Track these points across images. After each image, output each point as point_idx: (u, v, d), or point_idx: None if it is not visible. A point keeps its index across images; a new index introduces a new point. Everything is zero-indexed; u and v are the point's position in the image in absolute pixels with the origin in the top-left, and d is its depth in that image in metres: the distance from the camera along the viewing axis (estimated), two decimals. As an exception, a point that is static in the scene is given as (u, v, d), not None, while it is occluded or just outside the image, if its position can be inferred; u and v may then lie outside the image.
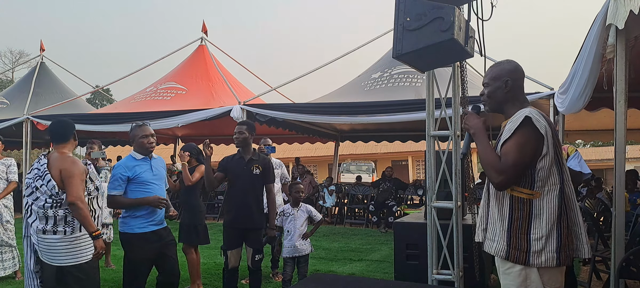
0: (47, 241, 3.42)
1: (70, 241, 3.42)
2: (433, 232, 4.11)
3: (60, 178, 3.39)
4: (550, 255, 2.22)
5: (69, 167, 3.40)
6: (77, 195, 3.34)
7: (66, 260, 3.43)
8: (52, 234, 3.41)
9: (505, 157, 2.27)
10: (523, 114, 2.27)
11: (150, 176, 3.99)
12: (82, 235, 3.46)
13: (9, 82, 30.91)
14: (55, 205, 3.41)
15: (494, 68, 2.49)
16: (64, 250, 3.42)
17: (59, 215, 3.41)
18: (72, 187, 3.34)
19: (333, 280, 2.99)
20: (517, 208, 2.29)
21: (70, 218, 3.42)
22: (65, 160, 3.44)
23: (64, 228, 3.42)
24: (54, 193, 3.40)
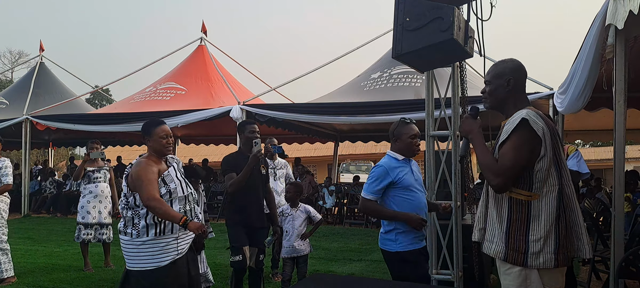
0: (121, 241, 3.34)
1: (136, 245, 3.25)
2: (432, 232, 4.11)
3: (132, 182, 3.27)
4: (549, 256, 2.22)
5: (135, 171, 3.25)
6: (147, 197, 3.14)
7: (131, 263, 3.30)
8: (124, 235, 3.31)
9: (502, 159, 2.27)
10: (520, 115, 2.26)
11: (412, 180, 3.41)
12: (149, 240, 3.22)
13: (9, 82, 30.87)
14: (126, 206, 3.31)
15: (497, 65, 2.48)
16: (131, 253, 3.29)
17: (128, 216, 3.29)
18: (141, 190, 3.17)
19: (332, 280, 2.99)
20: (515, 210, 2.29)
21: (137, 221, 3.25)
22: (138, 164, 3.31)
23: (131, 230, 3.26)
24: (125, 193, 3.32)
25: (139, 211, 3.23)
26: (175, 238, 3.26)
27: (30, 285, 5.47)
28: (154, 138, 3.36)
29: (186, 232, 3.30)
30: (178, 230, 3.27)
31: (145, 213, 3.22)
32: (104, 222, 6.22)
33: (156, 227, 3.22)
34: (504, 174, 2.25)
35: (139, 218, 3.24)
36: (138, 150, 18.87)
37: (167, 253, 3.24)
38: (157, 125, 3.42)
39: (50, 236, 9.15)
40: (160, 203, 3.15)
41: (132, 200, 3.26)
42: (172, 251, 3.26)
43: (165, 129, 3.40)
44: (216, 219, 11.26)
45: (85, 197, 6.20)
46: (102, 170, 6.31)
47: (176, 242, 3.27)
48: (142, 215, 3.23)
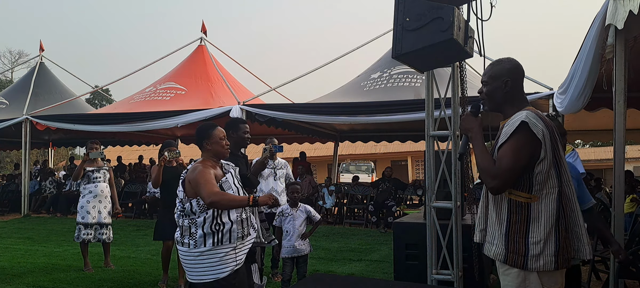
0: (180, 251, 3.23)
1: (195, 257, 3.13)
2: (432, 232, 4.11)
3: (191, 189, 3.16)
4: (548, 259, 2.21)
5: (193, 177, 3.14)
6: (207, 193, 3.03)
7: (191, 275, 3.19)
8: (181, 246, 3.20)
9: (499, 161, 2.26)
10: (520, 118, 2.24)
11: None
12: (207, 251, 3.12)
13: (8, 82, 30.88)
14: (182, 214, 3.21)
15: (493, 66, 2.45)
16: (190, 265, 3.17)
17: (185, 225, 3.19)
18: (201, 190, 3.06)
19: (332, 280, 2.99)
20: (515, 211, 2.28)
21: (194, 230, 3.14)
22: (195, 169, 3.18)
23: (188, 240, 3.15)
24: (181, 199, 3.21)
25: (196, 219, 3.14)
26: (233, 249, 3.17)
27: (30, 285, 5.47)
28: (213, 140, 3.27)
29: (243, 242, 3.23)
30: (236, 240, 3.19)
31: (202, 221, 3.12)
32: (103, 222, 6.21)
33: (214, 235, 3.12)
34: (501, 177, 2.23)
35: (195, 227, 3.14)
36: (138, 150, 18.88)
37: (226, 264, 3.15)
38: (214, 127, 3.34)
39: (50, 236, 9.15)
40: (222, 195, 3.06)
41: (189, 206, 3.16)
42: (231, 261, 3.17)
43: (222, 131, 3.34)
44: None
45: (84, 197, 6.20)
46: (101, 170, 6.31)
47: (234, 252, 3.18)
48: (199, 224, 3.13)
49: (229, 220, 3.16)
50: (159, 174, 5.17)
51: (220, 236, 3.13)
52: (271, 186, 5.87)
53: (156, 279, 5.53)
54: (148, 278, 5.74)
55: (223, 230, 3.13)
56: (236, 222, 3.18)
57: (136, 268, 6.31)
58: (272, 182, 5.90)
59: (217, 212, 3.13)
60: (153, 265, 6.28)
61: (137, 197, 12.23)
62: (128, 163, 16.59)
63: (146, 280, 5.69)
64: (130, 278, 5.76)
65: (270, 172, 5.92)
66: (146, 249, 7.54)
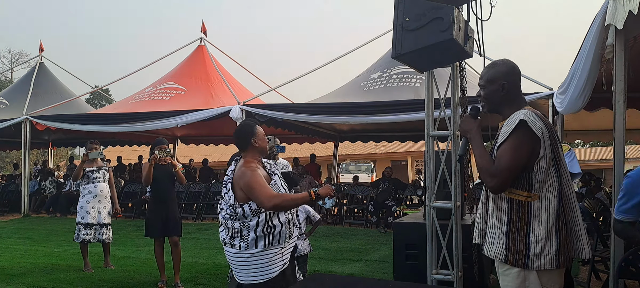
0: (227, 253, 3.23)
1: (245, 258, 3.13)
2: (432, 232, 4.10)
3: (243, 194, 3.12)
4: (549, 257, 2.21)
5: (244, 182, 3.11)
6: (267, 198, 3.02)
7: (241, 276, 3.18)
8: (230, 247, 3.18)
9: (498, 160, 2.27)
10: (518, 117, 2.25)
11: None
12: (258, 252, 3.11)
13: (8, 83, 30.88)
14: (232, 216, 3.16)
15: (489, 70, 2.46)
16: (239, 266, 3.17)
17: (235, 227, 3.15)
18: (258, 198, 3.05)
19: (332, 280, 2.99)
20: (515, 210, 2.28)
21: (246, 233, 3.13)
22: (244, 174, 3.14)
23: (239, 243, 3.13)
24: (232, 204, 3.16)
25: (249, 223, 3.12)
26: (281, 249, 3.18)
27: (30, 285, 5.46)
28: (259, 137, 3.27)
29: (288, 241, 3.24)
30: (284, 240, 3.20)
31: (254, 225, 3.11)
32: (103, 222, 6.21)
33: (265, 238, 3.12)
34: (500, 175, 2.24)
35: (247, 230, 3.13)
36: (138, 150, 18.86)
37: (275, 264, 3.16)
38: (255, 124, 3.33)
39: (50, 236, 9.15)
40: (281, 197, 3.08)
41: (241, 211, 3.13)
42: (279, 261, 3.18)
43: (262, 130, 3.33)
44: (216, 219, 11.27)
45: (84, 197, 6.20)
46: (101, 170, 6.31)
47: (281, 253, 3.20)
48: (252, 227, 3.12)
49: (279, 222, 3.17)
50: (149, 172, 5.20)
51: (271, 238, 3.14)
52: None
53: (156, 279, 5.53)
54: (148, 278, 5.74)
55: (274, 232, 3.14)
56: (285, 223, 3.19)
57: (136, 268, 6.31)
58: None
59: (269, 215, 3.13)
60: (153, 265, 6.27)
61: (137, 197, 12.22)
62: (128, 164, 16.59)
63: (146, 280, 5.69)
64: (130, 278, 5.76)
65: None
66: (146, 249, 7.54)
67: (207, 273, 6.00)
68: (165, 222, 5.27)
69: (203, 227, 10.09)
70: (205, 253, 7.36)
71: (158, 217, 5.27)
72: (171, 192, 5.42)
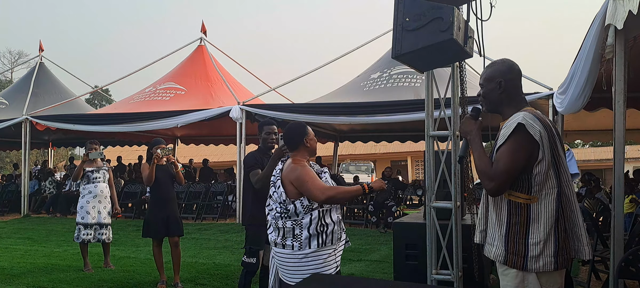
0: (278, 254, 3.15)
1: (299, 259, 3.07)
2: (432, 232, 4.10)
3: (294, 189, 3.08)
4: (548, 259, 2.21)
5: (295, 176, 3.08)
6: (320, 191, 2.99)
7: (295, 278, 3.09)
8: (282, 248, 3.11)
9: (496, 163, 2.27)
10: (516, 120, 2.25)
11: None
12: (312, 252, 3.06)
13: (8, 83, 30.90)
14: (283, 215, 3.11)
15: (487, 69, 2.47)
16: (293, 267, 3.09)
17: (287, 227, 3.09)
18: (311, 191, 3.01)
19: (332, 280, 2.98)
20: (514, 213, 2.28)
21: (298, 232, 3.07)
22: (294, 169, 3.11)
23: (292, 242, 3.07)
24: (282, 201, 3.11)
25: (301, 221, 3.07)
26: (334, 250, 3.14)
27: (30, 285, 5.46)
28: (310, 137, 3.24)
29: (339, 242, 3.22)
30: (336, 241, 3.16)
31: (307, 223, 3.06)
32: (103, 222, 6.21)
33: (318, 237, 3.06)
34: (497, 178, 2.24)
35: (300, 228, 3.07)
36: (138, 150, 18.86)
37: (329, 265, 3.11)
38: (305, 125, 3.30)
39: (50, 236, 9.15)
40: (335, 189, 3.03)
41: (293, 208, 3.07)
42: (333, 263, 3.14)
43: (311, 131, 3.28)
44: (216, 219, 11.27)
45: (84, 197, 6.20)
46: (101, 170, 6.31)
47: (334, 254, 3.16)
48: (305, 225, 3.06)
49: (332, 221, 3.13)
50: (152, 172, 5.17)
51: (325, 237, 3.09)
52: None
53: (156, 279, 5.53)
54: (148, 279, 5.74)
55: (327, 231, 3.09)
56: (337, 223, 3.16)
57: (136, 268, 6.31)
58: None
59: (322, 213, 3.08)
60: (153, 265, 6.26)
61: (137, 197, 12.22)
62: (128, 164, 16.59)
63: (146, 280, 5.69)
64: (130, 279, 5.76)
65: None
66: (146, 249, 7.54)
67: (207, 273, 6.00)
68: (166, 222, 5.27)
69: (203, 227, 10.09)
70: (205, 253, 7.35)
71: (158, 217, 5.27)
72: (171, 192, 5.42)
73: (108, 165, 6.57)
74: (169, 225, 5.27)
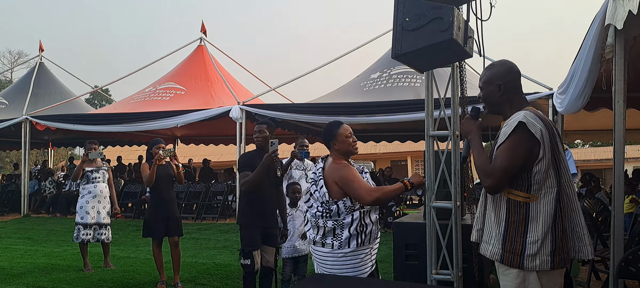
0: (317, 253, 3.15)
1: (337, 257, 3.07)
2: (432, 232, 4.10)
3: (338, 189, 3.08)
4: (545, 258, 2.21)
5: (338, 176, 3.07)
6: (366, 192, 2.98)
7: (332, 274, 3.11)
8: (321, 246, 3.12)
9: (495, 161, 2.27)
10: (517, 118, 2.25)
11: None
12: (350, 252, 3.07)
13: (8, 83, 30.89)
14: (325, 214, 3.10)
15: (486, 71, 2.48)
16: (332, 266, 3.10)
17: (328, 226, 3.09)
18: (357, 192, 3.01)
19: (332, 280, 2.99)
20: (513, 211, 2.28)
21: (339, 232, 3.06)
22: (337, 169, 3.10)
23: (332, 241, 3.07)
24: (325, 201, 3.10)
25: (342, 221, 3.06)
26: (370, 250, 3.15)
27: (30, 285, 5.46)
28: (339, 140, 3.21)
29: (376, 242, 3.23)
30: (373, 241, 3.17)
31: (349, 223, 3.06)
32: (102, 222, 6.21)
33: (358, 237, 3.08)
34: (495, 175, 2.25)
35: (341, 228, 3.07)
36: (138, 150, 18.85)
37: (366, 265, 3.13)
38: (338, 126, 3.26)
39: (50, 236, 9.15)
40: (381, 190, 3.05)
41: (335, 208, 3.06)
42: (369, 262, 3.17)
43: (348, 128, 3.25)
44: (216, 219, 11.27)
45: (84, 197, 6.20)
46: (100, 170, 6.31)
47: (371, 253, 3.17)
48: (346, 225, 3.06)
49: (371, 221, 3.14)
50: (153, 173, 5.16)
51: (363, 237, 3.11)
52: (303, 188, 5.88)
53: (156, 279, 5.53)
54: (148, 278, 5.74)
55: (366, 231, 3.11)
56: (375, 223, 3.17)
57: (136, 268, 6.31)
58: (304, 184, 5.90)
59: (362, 214, 3.10)
60: (153, 265, 6.26)
61: (136, 197, 12.22)
62: (128, 164, 16.59)
63: (146, 280, 5.69)
64: (130, 279, 5.76)
65: (301, 174, 5.94)
66: (146, 249, 7.54)
67: (207, 273, 6.00)
68: (166, 222, 5.26)
69: (203, 227, 10.08)
70: (205, 253, 7.35)
71: (159, 217, 5.27)
72: (171, 192, 5.42)
73: (108, 165, 6.57)
74: (169, 225, 5.27)
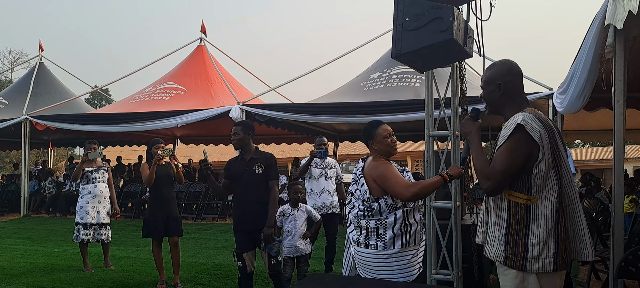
0: (361, 254, 3.11)
1: (383, 259, 3.03)
2: (432, 232, 4.10)
3: (377, 186, 3.05)
4: (548, 260, 2.20)
5: (377, 173, 3.04)
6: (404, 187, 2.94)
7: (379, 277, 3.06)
8: (365, 247, 3.07)
9: (493, 163, 2.27)
10: (516, 120, 2.25)
11: None
12: (396, 253, 3.02)
13: (8, 83, 30.87)
14: (367, 213, 3.06)
15: (487, 71, 2.47)
16: (377, 267, 3.05)
17: (371, 226, 3.05)
18: (394, 188, 2.97)
19: (333, 280, 2.99)
20: (514, 213, 2.28)
21: (382, 232, 3.02)
22: (376, 167, 3.08)
23: (376, 242, 3.02)
24: (366, 198, 3.07)
25: (385, 220, 3.03)
26: (416, 251, 3.11)
27: (30, 285, 5.46)
28: (377, 139, 3.20)
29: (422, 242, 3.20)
30: (419, 242, 3.14)
31: (392, 222, 3.02)
32: (102, 222, 6.21)
33: (402, 237, 3.03)
34: (493, 177, 2.25)
35: (384, 228, 3.03)
36: (137, 150, 18.85)
37: (413, 266, 3.09)
38: (377, 125, 3.24)
39: (50, 236, 9.14)
40: (418, 185, 2.98)
41: (377, 207, 3.03)
42: (416, 263, 3.12)
43: (387, 128, 3.22)
44: (215, 219, 11.27)
45: (83, 197, 6.20)
46: (100, 170, 6.31)
47: (417, 255, 3.13)
48: (389, 225, 3.02)
49: (415, 221, 3.11)
50: (152, 173, 5.18)
51: (408, 238, 3.07)
52: (323, 186, 5.89)
53: (156, 279, 5.53)
54: (148, 278, 5.74)
55: (410, 232, 3.07)
56: (419, 223, 3.14)
57: (136, 268, 6.31)
58: (323, 183, 5.92)
59: (406, 213, 3.06)
60: (153, 265, 6.27)
61: (136, 197, 12.22)
62: (127, 164, 16.59)
63: (146, 280, 5.69)
64: (130, 278, 5.76)
65: (320, 172, 5.95)
66: (146, 249, 7.54)
67: (207, 273, 6.00)
68: (166, 222, 5.27)
69: (203, 227, 10.08)
70: (205, 253, 7.35)
71: (158, 217, 5.27)
72: (171, 192, 5.43)
73: (107, 165, 6.56)
74: (169, 225, 5.28)
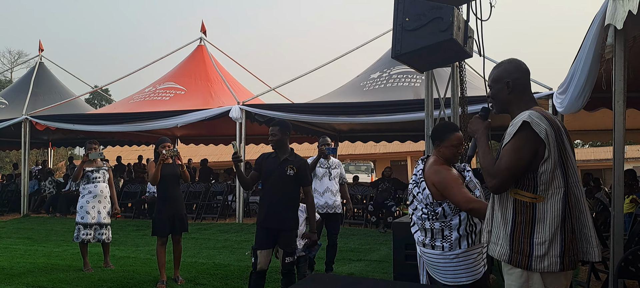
0: (427, 254, 3.13)
1: (450, 259, 3.03)
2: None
3: (437, 191, 3.05)
4: (553, 260, 2.19)
5: (438, 179, 3.04)
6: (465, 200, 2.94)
7: (447, 278, 3.06)
8: (431, 249, 3.09)
9: (499, 161, 2.27)
10: (522, 118, 2.24)
11: None
12: (462, 253, 3.02)
13: (8, 82, 30.88)
14: (430, 216, 3.07)
15: (495, 69, 2.47)
16: (444, 268, 3.06)
17: (436, 228, 3.06)
18: (455, 196, 2.97)
19: (332, 280, 2.99)
20: (520, 212, 2.26)
21: (448, 233, 3.03)
22: (437, 172, 3.06)
23: (442, 243, 3.03)
24: (429, 203, 3.06)
25: (450, 222, 3.04)
26: (481, 248, 3.11)
27: (30, 285, 5.46)
28: (447, 144, 3.16)
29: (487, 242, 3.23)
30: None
31: (457, 224, 3.03)
32: (103, 222, 6.21)
33: (468, 237, 3.05)
34: (498, 176, 2.24)
35: (449, 230, 3.04)
36: (138, 150, 18.86)
37: (479, 264, 3.10)
38: (452, 131, 3.17)
39: (50, 236, 9.14)
40: (478, 202, 2.97)
41: (441, 211, 3.04)
42: (482, 261, 3.13)
43: (459, 137, 3.16)
44: (215, 219, 11.27)
45: (84, 197, 6.20)
46: (101, 170, 6.30)
47: (482, 253, 3.13)
48: (454, 226, 3.03)
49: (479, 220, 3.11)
50: (157, 172, 5.23)
51: (474, 237, 3.08)
52: (327, 186, 5.86)
53: (156, 279, 5.53)
54: (148, 278, 5.74)
55: (475, 231, 3.09)
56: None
57: (136, 268, 6.31)
58: (327, 182, 5.88)
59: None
60: (153, 265, 6.27)
61: (136, 197, 12.22)
62: (128, 164, 16.60)
63: (146, 280, 5.69)
64: (130, 278, 5.76)
65: (324, 171, 5.91)
66: (146, 249, 7.54)
67: (207, 273, 6.00)
68: (173, 220, 5.34)
69: (203, 227, 10.08)
70: (205, 253, 7.35)
71: (166, 215, 5.32)
72: (177, 191, 5.49)
73: (108, 165, 6.56)
74: (175, 223, 5.36)
